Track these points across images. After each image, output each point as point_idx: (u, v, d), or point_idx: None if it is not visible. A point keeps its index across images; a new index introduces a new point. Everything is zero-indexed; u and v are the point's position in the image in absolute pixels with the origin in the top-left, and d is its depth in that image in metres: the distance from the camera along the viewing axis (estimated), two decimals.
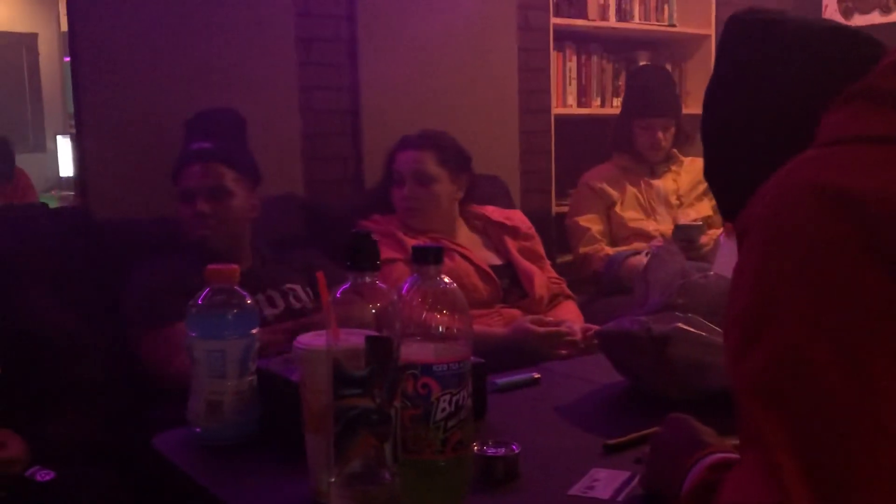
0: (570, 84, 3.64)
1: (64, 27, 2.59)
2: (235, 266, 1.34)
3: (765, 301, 0.79)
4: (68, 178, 4.72)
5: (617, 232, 3.14)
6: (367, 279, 1.00)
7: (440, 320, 1.05)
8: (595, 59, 3.72)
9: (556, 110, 3.53)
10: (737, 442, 0.96)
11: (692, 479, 0.94)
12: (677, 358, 1.41)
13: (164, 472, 1.30)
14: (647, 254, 2.68)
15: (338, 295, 1.00)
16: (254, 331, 1.32)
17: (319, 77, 2.95)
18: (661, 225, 3.12)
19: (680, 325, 1.42)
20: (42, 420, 1.75)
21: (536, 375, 1.63)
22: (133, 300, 2.14)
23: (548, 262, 2.73)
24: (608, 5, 3.71)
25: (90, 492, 1.65)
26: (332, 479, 0.98)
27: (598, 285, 3.07)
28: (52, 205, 3.33)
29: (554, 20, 3.48)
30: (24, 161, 4.51)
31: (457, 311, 1.06)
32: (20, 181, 3.95)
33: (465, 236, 2.62)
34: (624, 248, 3.05)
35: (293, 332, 1.19)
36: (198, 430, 1.31)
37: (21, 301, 1.88)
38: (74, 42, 2.53)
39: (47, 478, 1.58)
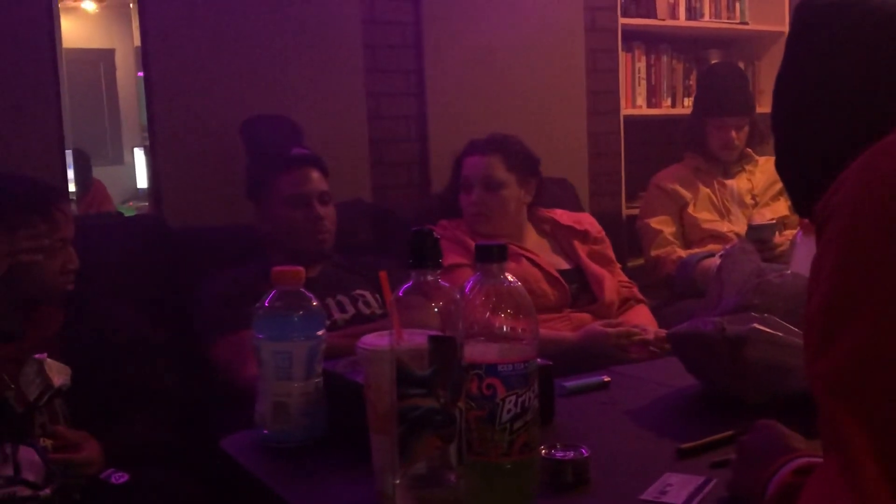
0: (639, 84, 3.59)
1: (137, 43, 2.65)
2: (301, 268, 1.34)
3: (845, 295, 0.75)
4: (145, 189, 4.85)
5: (690, 234, 3.08)
6: (430, 277, 0.99)
7: (504, 319, 1.04)
8: (665, 58, 3.67)
9: (626, 111, 3.50)
10: None
11: (777, 483, 0.91)
12: (753, 360, 1.36)
13: (232, 474, 1.31)
14: (721, 255, 2.62)
15: (400, 294, 0.99)
16: (320, 332, 1.32)
17: (386, 83, 2.97)
18: (735, 226, 3.05)
19: (756, 325, 1.38)
20: (117, 423, 1.78)
21: (606, 379, 1.60)
22: (206, 307, 2.18)
23: (618, 266, 2.69)
24: (678, 4, 3.65)
25: (164, 494, 1.67)
26: (397, 481, 0.97)
27: (670, 289, 3.01)
28: (128, 215, 3.42)
29: (622, 20, 3.44)
30: (102, 173, 4.65)
31: (521, 311, 1.04)
32: (97, 192, 4.07)
33: (534, 241, 2.59)
34: (697, 250, 2.99)
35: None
36: (265, 431, 1.32)
37: (96, 307, 1.93)
38: (147, 57, 2.60)
39: (122, 480, 1.61)
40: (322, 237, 2.25)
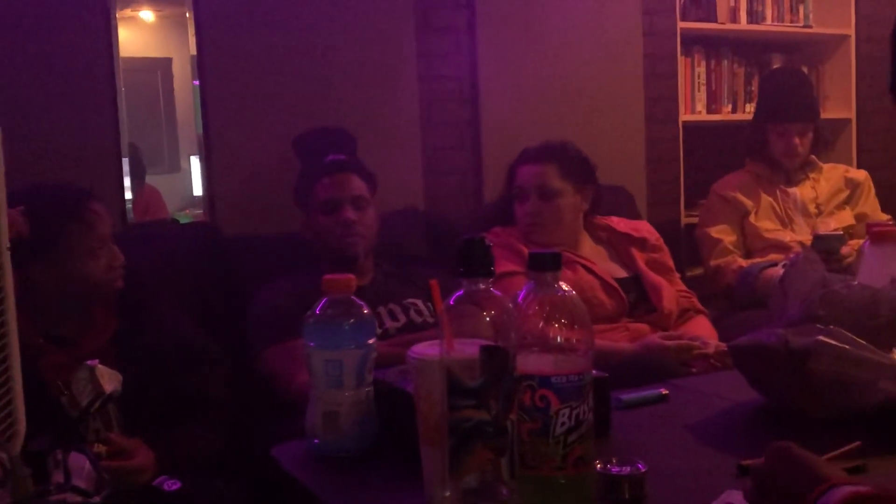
0: (698, 90, 3.55)
1: (193, 51, 2.70)
2: (351, 276, 1.34)
3: None
4: (201, 197, 4.92)
5: (751, 243, 3.04)
6: (481, 286, 0.97)
7: (558, 330, 1.02)
8: (725, 63, 3.62)
9: (685, 117, 3.46)
10: (849, 466, 0.87)
11: None
12: (819, 373, 1.32)
13: (283, 484, 1.31)
14: (783, 265, 2.56)
15: (451, 303, 0.98)
16: (370, 341, 1.31)
17: (439, 90, 2.97)
18: (798, 235, 3.00)
19: (821, 337, 1.34)
20: (170, 431, 1.80)
21: (664, 392, 1.57)
22: (259, 315, 2.20)
23: (677, 275, 2.65)
24: (739, 7, 3.60)
25: (215, 502, 1.68)
26: (447, 494, 0.96)
27: (731, 299, 2.96)
28: (184, 222, 3.46)
29: (681, 24, 3.40)
30: (160, 181, 4.71)
31: (576, 321, 1.03)
32: (152, 199, 4.14)
33: (590, 248, 2.56)
34: (759, 259, 2.94)
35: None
36: (315, 441, 1.32)
37: (150, 314, 1.95)
38: (202, 65, 2.63)
39: (174, 487, 1.63)
40: (350, 240, 2.25)
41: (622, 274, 2.51)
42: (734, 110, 3.64)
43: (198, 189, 5.46)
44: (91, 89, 2.47)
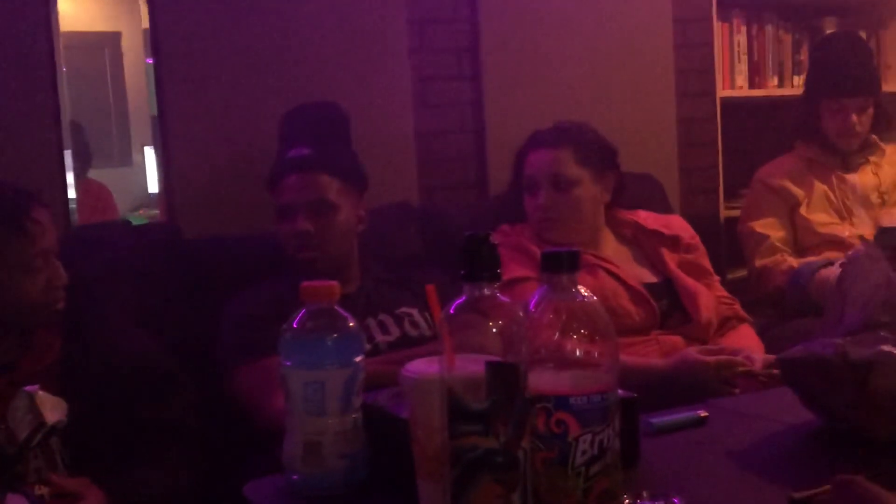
0: (739, 61, 3.57)
1: (146, 24, 2.70)
2: (334, 283, 1.34)
3: None
4: (157, 194, 4.95)
5: (803, 239, 3.06)
6: (487, 292, 0.98)
7: (577, 342, 1.03)
8: (770, 28, 3.64)
9: (723, 93, 3.48)
10: None
11: None
12: (883, 389, 1.34)
13: None
14: (841, 264, 2.57)
15: (451, 311, 0.98)
16: (358, 359, 1.32)
17: (435, 64, 2.98)
18: (858, 229, 3.02)
19: (885, 348, 1.36)
20: (124, 467, 1.80)
21: (703, 414, 1.59)
22: (228, 330, 2.21)
23: (716, 279, 2.66)
24: None
25: None
26: None
27: (780, 305, 2.99)
28: (137, 224, 3.48)
29: None
30: (108, 176, 4.74)
31: (598, 331, 1.04)
32: (100, 197, 4.16)
33: (613, 248, 2.58)
34: (812, 258, 2.96)
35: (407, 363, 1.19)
36: (294, 477, 1.32)
37: (100, 331, 1.95)
38: (157, 41, 2.63)
39: None
40: (304, 255, 2.25)
41: (651, 279, 2.53)
42: (780, 84, 3.66)
43: (153, 185, 5.50)
44: (26, 70, 2.47)
